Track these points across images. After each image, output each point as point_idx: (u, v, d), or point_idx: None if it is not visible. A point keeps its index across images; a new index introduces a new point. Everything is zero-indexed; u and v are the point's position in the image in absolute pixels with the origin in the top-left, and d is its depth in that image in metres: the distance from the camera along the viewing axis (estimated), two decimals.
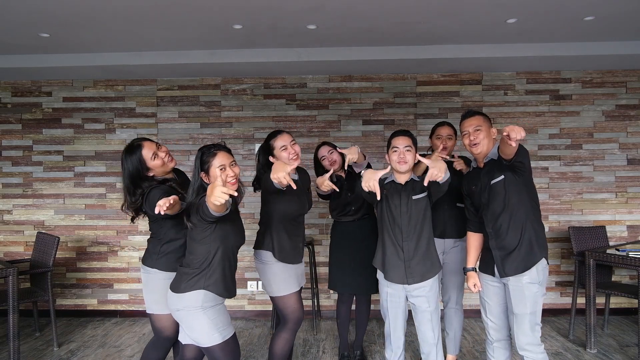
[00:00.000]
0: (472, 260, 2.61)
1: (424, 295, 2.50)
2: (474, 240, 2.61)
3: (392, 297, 2.55)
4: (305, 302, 4.52)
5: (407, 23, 3.48)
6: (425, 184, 2.31)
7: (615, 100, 4.54)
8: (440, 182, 2.35)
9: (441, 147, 3.01)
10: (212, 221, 2.06)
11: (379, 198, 2.36)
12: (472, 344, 3.80)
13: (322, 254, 4.60)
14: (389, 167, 2.49)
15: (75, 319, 4.63)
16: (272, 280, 2.65)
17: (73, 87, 4.70)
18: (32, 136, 4.72)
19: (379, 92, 4.63)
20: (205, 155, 2.13)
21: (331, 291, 4.58)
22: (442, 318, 3.20)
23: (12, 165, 4.71)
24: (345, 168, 3.08)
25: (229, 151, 2.19)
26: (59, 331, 4.16)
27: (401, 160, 2.49)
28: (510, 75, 4.57)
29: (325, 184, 2.72)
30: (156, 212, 2.00)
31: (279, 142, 2.62)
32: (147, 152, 2.42)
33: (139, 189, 2.39)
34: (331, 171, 3.02)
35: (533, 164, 4.17)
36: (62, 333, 4.19)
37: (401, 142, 2.51)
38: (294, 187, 2.29)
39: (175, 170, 2.67)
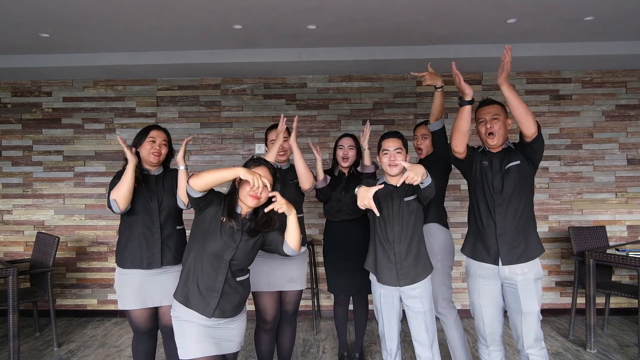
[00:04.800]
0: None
1: (417, 297, 2.48)
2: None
3: (385, 298, 2.53)
4: (305, 302, 4.53)
5: (407, 23, 3.48)
6: (398, 184, 2.28)
7: (615, 100, 4.54)
8: (421, 187, 2.32)
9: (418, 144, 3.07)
10: (196, 199, 2.05)
11: (377, 214, 2.34)
12: (472, 343, 3.80)
13: (322, 254, 4.59)
14: (382, 184, 2.46)
15: (75, 319, 4.63)
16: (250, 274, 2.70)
17: (73, 87, 4.70)
18: (32, 136, 4.72)
19: (379, 92, 4.63)
20: (251, 161, 2.16)
21: None
22: (441, 328, 3.16)
23: (12, 165, 4.71)
24: (359, 168, 3.12)
25: (273, 174, 2.15)
26: (59, 331, 4.16)
27: (392, 162, 2.46)
28: (510, 75, 4.56)
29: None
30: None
31: (272, 134, 2.81)
32: (152, 133, 2.58)
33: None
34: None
35: None
36: (62, 333, 4.19)
37: (392, 145, 2.48)
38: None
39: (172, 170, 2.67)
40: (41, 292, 3.86)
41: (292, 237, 2.14)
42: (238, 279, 2.12)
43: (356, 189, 2.40)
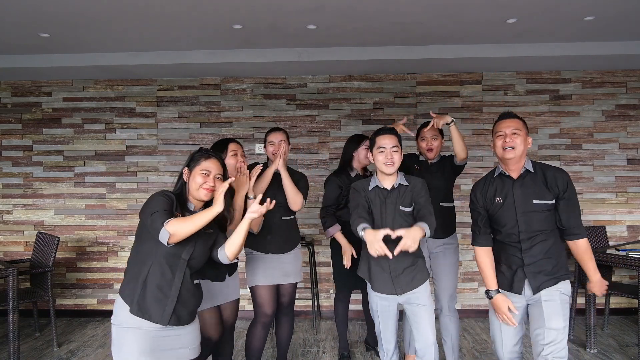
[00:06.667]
0: (494, 280, 2.28)
1: (418, 303, 2.38)
2: (487, 256, 2.30)
3: (382, 303, 2.44)
4: (305, 302, 4.53)
5: (407, 23, 3.48)
6: (396, 254, 2.12)
7: (615, 100, 4.54)
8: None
9: (425, 146, 3.05)
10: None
11: (391, 257, 2.14)
12: (472, 344, 3.80)
13: (322, 254, 4.60)
14: (387, 229, 2.18)
15: (75, 319, 4.63)
16: (247, 271, 2.86)
17: (73, 87, 4.70)
18: (32, 136, 4.71)
19: (379, 92, 4.63)
20: (198, 154, 2.05)
21: (331, 291, 4.58)
22: (437, 324, 3.17)
23: (12, 165, 4.71)
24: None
25: (223, 165, 2.08)
26: (59, 331, 4.16)
27: (388, 161, 2.30)
28: (510, 75, 4.57)
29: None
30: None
31: (270, 137, 2.88)
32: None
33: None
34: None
35: None
36: (62, 333, 4.19)
37: (388, 142, 2.33)
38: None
39: None
40: (41, 292, 3.86)
41: (234, 245, 1.96)
42: (195, 281, 1.99)
43: (360, 231, 2.21)
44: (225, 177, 2.05)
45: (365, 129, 4.57)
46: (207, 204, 2.00)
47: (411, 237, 2.08)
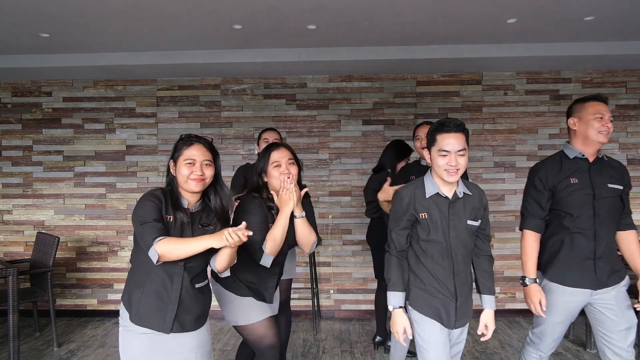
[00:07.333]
0: (534, 268, 2.18)
1: (463, 339, 2.08)
2: (536, 242, 2.19)
3: (442, 333, 2.00)
4: (305, 302, 4.53)
5: (407, 23, 3.48)
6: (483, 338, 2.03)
7: (615, 100, 4.54)
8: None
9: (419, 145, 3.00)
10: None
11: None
12: (472, 344, 3.80)
13: (322, 254, 4.60)
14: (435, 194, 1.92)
15: (75, 319, 4.62)
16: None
17: (73, 87, 4.70)
18: (32, 136, 4.71)
19: (379, 92, 4.63)
20: (180, 142, 1.88)
21: (331, 291, 4.59)
22: None
23: (12, 165, 4.71)
24: None
25: (211, 148, 1.89)
26: (59, 331, 4.16)
27: (451, 168, 1.82)
28: (510, 75, 4.57)
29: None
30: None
31: (265, 135, 2.91)
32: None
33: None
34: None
35: (533, 164, 4.15)
36: (62, 333, 4.19)
37: (454, 143, 1.81)
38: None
39: None
40: (41, 292, 3.86)
41: (221, 263, 1.82)
42: (197, 285, 1.87)
43: (392, 305, 1.94)
44: (215, 161, 1.88)
45: (365, 129, 4.58)
46: (204, 198, 1.91)
47: (492, 326, 2.03)
